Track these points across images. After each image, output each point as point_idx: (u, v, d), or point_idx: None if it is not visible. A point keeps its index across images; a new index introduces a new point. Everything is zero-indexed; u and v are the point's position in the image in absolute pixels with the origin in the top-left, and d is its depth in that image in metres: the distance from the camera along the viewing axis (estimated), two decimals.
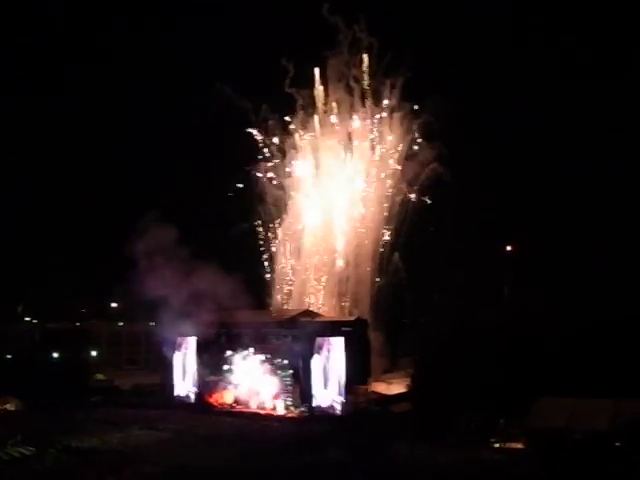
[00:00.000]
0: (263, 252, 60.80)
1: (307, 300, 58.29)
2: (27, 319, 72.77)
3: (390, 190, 59.49)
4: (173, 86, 68.87)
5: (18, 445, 37.39)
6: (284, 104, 60.10)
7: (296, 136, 60.95)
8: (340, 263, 59.65)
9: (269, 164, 61.24)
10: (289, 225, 61.38)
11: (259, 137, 60.85)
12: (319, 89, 60.14)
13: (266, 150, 61.11)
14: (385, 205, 59.57)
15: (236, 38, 65.17)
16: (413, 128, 58.69)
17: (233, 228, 57.89)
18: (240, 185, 60.18)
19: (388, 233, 59.25)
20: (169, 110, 68.12)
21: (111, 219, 48.24)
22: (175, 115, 67.99)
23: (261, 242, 60.87)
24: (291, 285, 60.38)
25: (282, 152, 61.29)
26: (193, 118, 66.58)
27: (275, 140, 60.91)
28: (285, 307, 58.24)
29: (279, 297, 60.08)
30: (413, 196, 58.46)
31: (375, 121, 59.99)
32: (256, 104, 59.58)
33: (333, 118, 60.35)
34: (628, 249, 53.59)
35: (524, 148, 58.90)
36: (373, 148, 60.20)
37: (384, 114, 59.70)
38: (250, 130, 60.50)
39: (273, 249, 61.08)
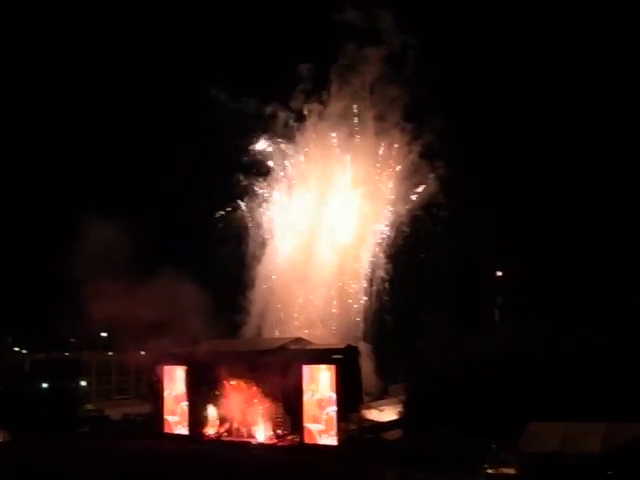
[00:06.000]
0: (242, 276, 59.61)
1: (294, 328, 57.50)
2: (16, 349, 72.35)
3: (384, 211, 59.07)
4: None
5: None
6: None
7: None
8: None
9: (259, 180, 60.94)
10: (272, 250, 60.86)
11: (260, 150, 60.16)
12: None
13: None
14: (376, 227, 59.19)
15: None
16: (413, 149, 57.80)
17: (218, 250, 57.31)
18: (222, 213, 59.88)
19: (378, 256, 58.86)
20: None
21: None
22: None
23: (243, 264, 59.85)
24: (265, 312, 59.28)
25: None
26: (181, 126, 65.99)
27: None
28: (276, 334, 57.75)
29: (254, 325, 58.64)
30: (405, 218, 58.14)
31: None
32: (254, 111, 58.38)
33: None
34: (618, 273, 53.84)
35: (520, 173, 58.87)
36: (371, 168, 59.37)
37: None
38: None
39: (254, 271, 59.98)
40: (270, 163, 60.97)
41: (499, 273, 59.80)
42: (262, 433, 48.00)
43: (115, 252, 48.09)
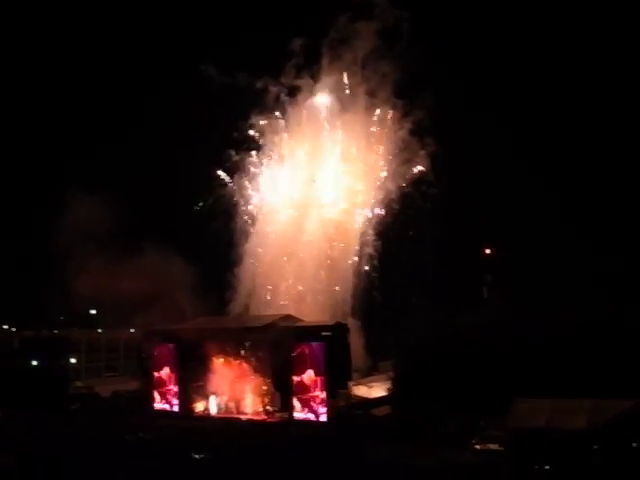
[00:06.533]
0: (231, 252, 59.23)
1: (282, 304, 57.41)
2: (5, 327, 72.17)
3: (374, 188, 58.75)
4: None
5: None
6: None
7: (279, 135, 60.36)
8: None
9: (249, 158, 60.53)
10: (261, 226, 60.62)
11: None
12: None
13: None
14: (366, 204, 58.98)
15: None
16: (404, 125, 57.19)
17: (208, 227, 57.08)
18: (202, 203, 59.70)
19: (367, 233, 58.62)
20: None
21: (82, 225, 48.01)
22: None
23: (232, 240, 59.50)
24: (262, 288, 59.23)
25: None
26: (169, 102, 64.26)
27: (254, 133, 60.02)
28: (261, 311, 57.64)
29: (242, 301, 58.39)
30: (395, 195, 57.90)
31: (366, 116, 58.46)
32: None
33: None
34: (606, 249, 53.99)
35: (510, 151, 58.61)
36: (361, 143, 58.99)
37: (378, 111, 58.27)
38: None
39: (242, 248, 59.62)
40: (260, 138, 60.63)
41: (488, 251, 59.78)
42: (251, 409, 48.24)
43: (102, 228, 47.93)
